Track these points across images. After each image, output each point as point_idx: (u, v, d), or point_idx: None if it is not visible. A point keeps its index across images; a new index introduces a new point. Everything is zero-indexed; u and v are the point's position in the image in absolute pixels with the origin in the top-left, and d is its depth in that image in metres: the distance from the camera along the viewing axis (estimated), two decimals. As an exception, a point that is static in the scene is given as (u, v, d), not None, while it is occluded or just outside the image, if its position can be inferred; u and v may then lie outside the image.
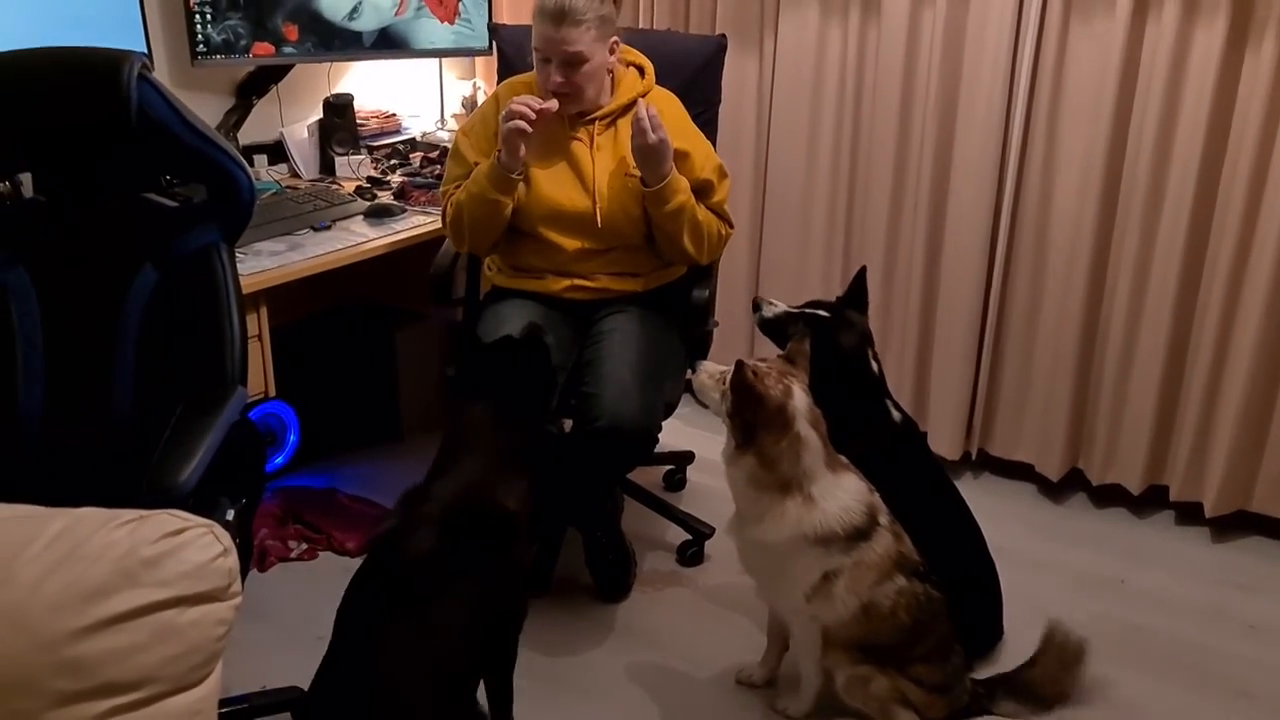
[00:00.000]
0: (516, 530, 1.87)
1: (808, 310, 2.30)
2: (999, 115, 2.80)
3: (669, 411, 2.40)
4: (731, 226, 2.49)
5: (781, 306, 2.32)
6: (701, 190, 2.38)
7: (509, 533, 1.85)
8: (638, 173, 2.33)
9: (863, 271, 2.35)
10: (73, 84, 1.84)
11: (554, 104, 2.27)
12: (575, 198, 2.36)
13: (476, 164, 2.36)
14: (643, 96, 2.38)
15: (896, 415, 2.30)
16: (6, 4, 2.39)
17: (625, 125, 2.37)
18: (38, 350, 1.89)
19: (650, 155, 2.25)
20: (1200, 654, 2.41)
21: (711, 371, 2.01)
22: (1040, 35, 2.73)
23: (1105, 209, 2.76)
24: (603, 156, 2.37)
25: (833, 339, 2.22)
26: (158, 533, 1.08)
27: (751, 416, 1.90)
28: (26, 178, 2.19)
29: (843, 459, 1.98)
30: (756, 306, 2.34)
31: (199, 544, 1.09)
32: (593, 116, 2.37)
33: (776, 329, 2.30)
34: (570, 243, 2.38)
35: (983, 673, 2.20)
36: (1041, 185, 2.84)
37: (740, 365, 1.88)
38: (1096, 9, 2.67)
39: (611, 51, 2.34)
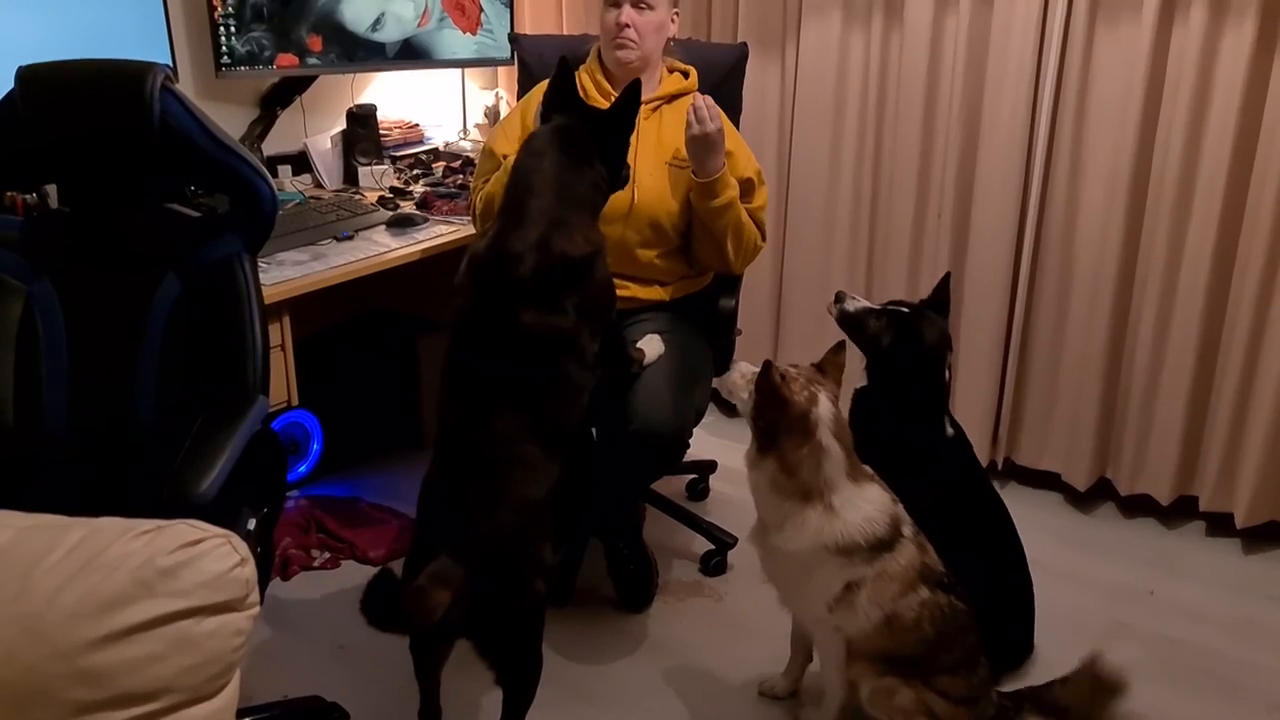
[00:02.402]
0: (596, 261, 1.99)
1: (890, 307, 2.26)
2: (1023, 122, 2.78)
3: (698, 418, 2.39)
4: (764, 238, 2.48)
5: (863, 302, 2.28)
6: (743, 190, 2.39)
7: (591, 263, 1.97)
8: (682, 163, 2.34)
9: (947, 277, 2.32)
10: (97, 96, 1.86)
11: None
12: None
13: (506, 156, 2.37)
14: (687, 94, 2.42)
15: (950, 430, 2.27)
16: (32, 17, 2.42)
17: (670, 112, 2.41)
18: (62, 359, 1.91)
19: (705, 145, 2.25)
20: (1231, 667, 2.37)
21: (745, 372, 1.99)
22: (1065, 40, 2.71)
23: (1132, 216, 2.73)
24: (645, 142, 2.38)
25: (916, 334, 2.19)
26: (175, 543, 1.07)
27: (773, 419, 1.89)
28: (52, 189, 2.22)
29: (867, 470, 1.96)
30: (839, 299, 2.30)
31: (216, 554, 1.09)
32: None
33: (857, 324, 2.26)
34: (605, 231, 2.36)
35: (1011, 687, 2.18)
36: (1067, 192, 2.82)
37: (767, 366, 1.87)
38: (1122, 13, 2.64)
39: (673, 21, 2.43)
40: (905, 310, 2.25)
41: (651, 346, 2.28)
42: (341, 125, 3.15)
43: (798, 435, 1.89)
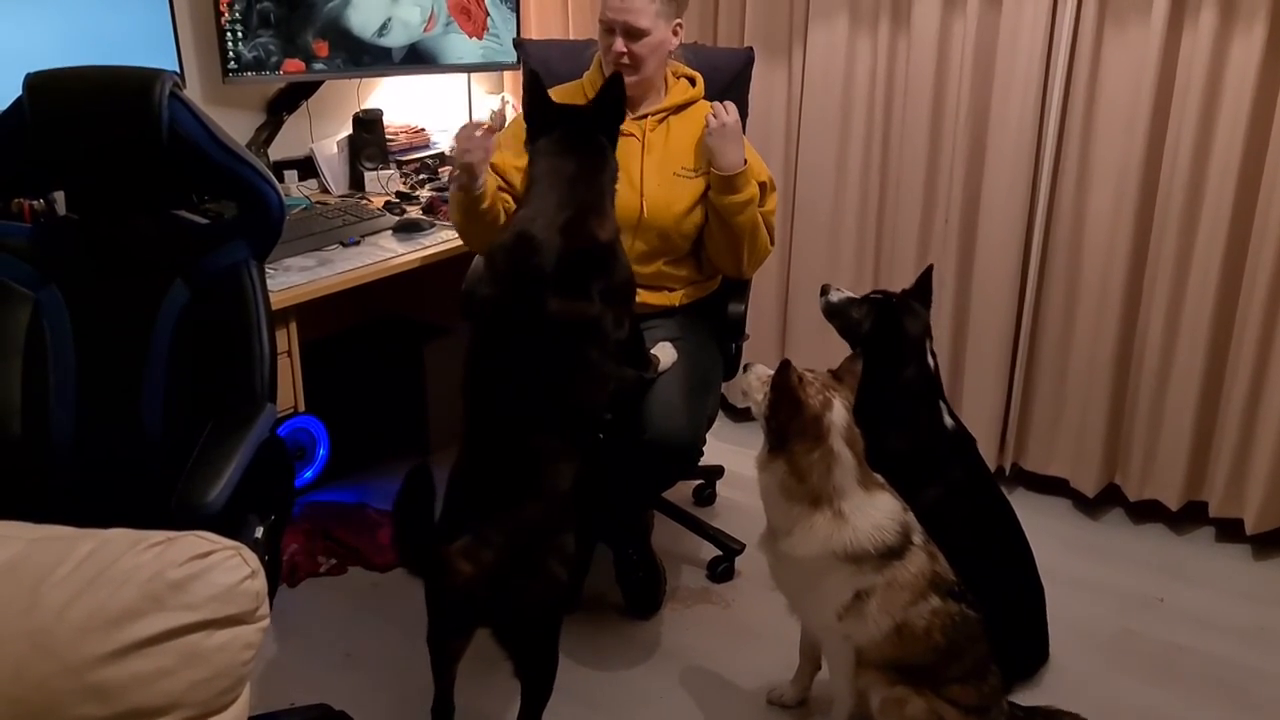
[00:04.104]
0: (618, 246, 2.04)
1: (873, 295, 2.30)
2: (1031, 126, 2.77)
3: (710, 424, 2.39)
4: (773, 242, 2.49)
5: (846, 292, 2.33)
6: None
7: (613, 248, 2.02)
8: (690, 173, 2.37)
9: (930, 269, 2.34)
10: (105, 103, 1.86)
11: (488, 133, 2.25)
12: (622, 192, 2.35)
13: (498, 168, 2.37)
14: (694, 103, 2.45)
15: (950, 421, 2.27)
16: (41, 24, 2.42)
17: (678, 123, 2.42)
18: (69, 367, 1.90)
19: (725, 137, 2.30)
20: (1242, 674, 2.36)
21: (761, 374, 1.99)
22: (1074, 45, 2.70)
23: (1141, 221, 2.72)
24: (653, 153, 2.39)
25: (897, 322, 2.21)
26: (185, 555, 1.07)
27: (786, 420, 1.88)
28: (60, 196, 2.22)
29: (878, 478, 1.95)
30: (825, 291, 2.34)
31: (226, 566, 1.08)
32: (645, 113, 2.40)
33: (841, 314, 2.30)
34: None
35: (1025, 696, 2.17)
36: (1076, 197, 2.81)
37: (785, 365, 1.87)
38: (1131, 17, 2.63)
39: (675, 33, 2.40)
40: (884, 297, 2.26)
41: (664, 354, 2.28)
42: (347, 130, 3.15)
43: (809, 439, 1.88)
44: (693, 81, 2.50)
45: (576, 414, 1.94)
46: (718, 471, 3.03)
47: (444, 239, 2.70)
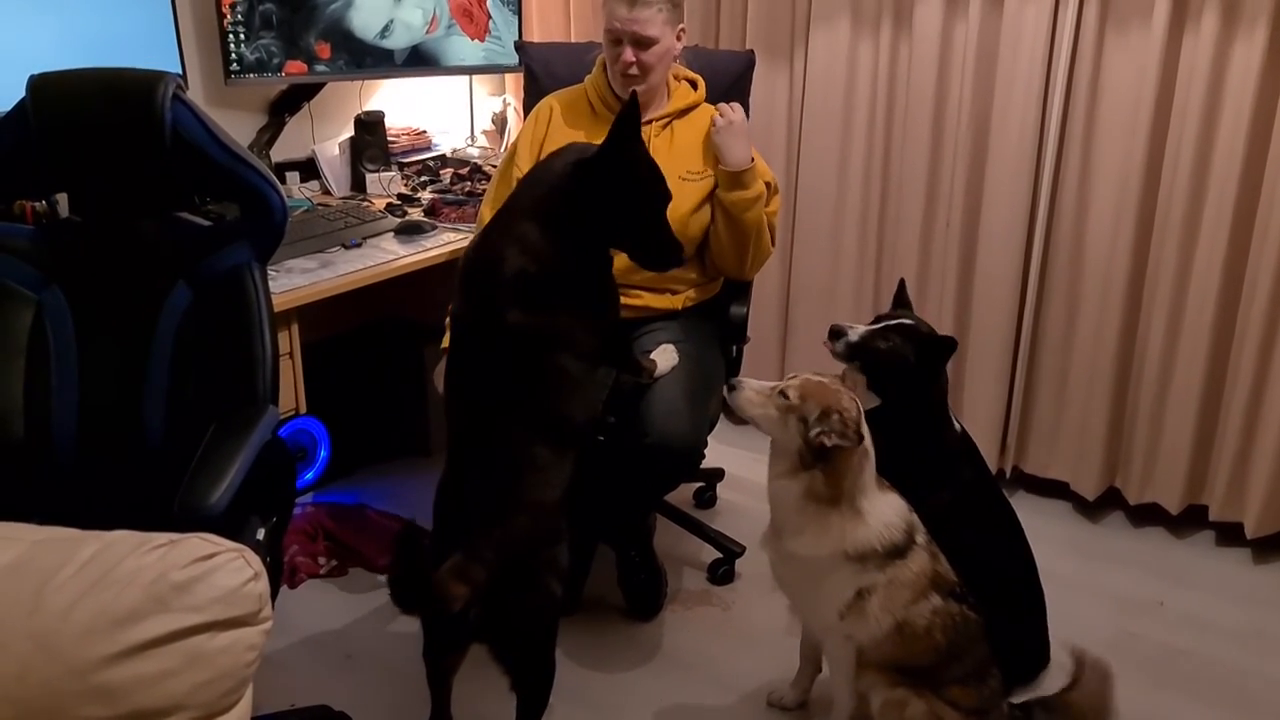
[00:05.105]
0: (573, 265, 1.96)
1: (891, 323, 2.20)
2: (1033, 130, 2.78)
3: (712, 427, 2.39)
4: (774, 244, 2.50)
5: (862, 328, 2.20)
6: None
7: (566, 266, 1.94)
8: (695, 176, 2.38)
9: (902, 282, 2.33)
10: (108, 105, 1.86)
11: None
12: None
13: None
14: (697, 106, 2.46)
15: (957, 426, 2.27)
16: (43, 26, 2.42)
17: (681, 127, 2.43)
18: (72, 369, 1.90)
19: (733, 134, 2.34)
20: (1241, 678, 2.36)
21: (758, 388, 1.92)
22: (1075, 48, 2.70)
23: (1142, 225, 2.72)
24: (658, 158, 2.36)
25: (937, 341, 2.18)
26: (188, 557, 1.07)
27: (834, 447, 1.85)
28: (62, 197, 2.22)
29: (882, 479, 1.96)
30: (838, 334, 2.19)
31: (230, 568, 1.09)
32: (649, 119, 2.41)
33: (867, 350, 2.17)
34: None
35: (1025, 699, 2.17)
36: (1077, 201, 2.81)
37: (832, 413, 1.83)
38: (1133, 21, 2.63)
39: (679, 38, 2.40)
40: (910, 322, 2.21)
41: (665, 357, 2.27)
42: (349, 132, 3.15)
43: (849, 445, 1.85)
44: (694, 85, 2.51)
45: (556, 422, 1.91)
46: (718, 474, 3.04)
47: (445, 241, 2.70)
